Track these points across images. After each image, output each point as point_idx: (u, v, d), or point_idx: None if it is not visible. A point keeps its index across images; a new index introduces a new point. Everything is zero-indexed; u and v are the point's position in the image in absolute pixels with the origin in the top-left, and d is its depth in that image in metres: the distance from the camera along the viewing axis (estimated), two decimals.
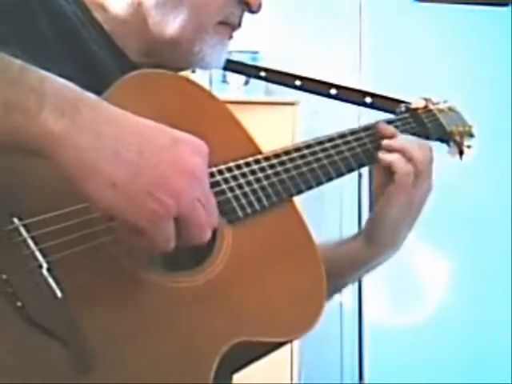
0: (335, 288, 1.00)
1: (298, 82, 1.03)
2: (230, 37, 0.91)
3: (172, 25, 0.86)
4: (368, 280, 2.44)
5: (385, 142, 0.95)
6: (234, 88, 2.68)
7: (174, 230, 0.64)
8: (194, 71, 2.76)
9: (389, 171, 0.94)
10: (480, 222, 2.93)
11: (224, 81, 2.69)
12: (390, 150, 0.95)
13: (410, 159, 0.93)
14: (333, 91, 1.03)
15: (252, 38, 2.63)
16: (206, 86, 0.88)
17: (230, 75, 2.69)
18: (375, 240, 0.97)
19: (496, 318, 2.89)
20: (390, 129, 0.97)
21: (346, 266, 0.99)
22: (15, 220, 0.65)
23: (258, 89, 2.68)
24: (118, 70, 0.85)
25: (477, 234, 2.93)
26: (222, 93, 2.61)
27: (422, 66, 2.81)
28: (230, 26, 0.90)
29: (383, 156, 0.95)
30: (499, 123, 2.88)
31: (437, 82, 2.63)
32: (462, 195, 2.88)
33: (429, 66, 2.81)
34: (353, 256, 0.98)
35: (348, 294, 2.68)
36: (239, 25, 0.91)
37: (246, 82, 2.69)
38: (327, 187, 0.92)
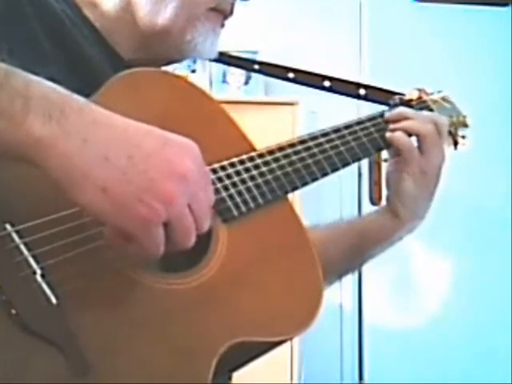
0: (362, 261, 1.06)
1: (291, 75, 1.03)
2: (222, 25, 0.91)
3: (163, 14, 0.86)
4: (368, 280, 2.44)
5: (390, 125, 0.99)
6: (233, 88, 2.69)
7: (163, 235, 0.63)
8: (193, 71, 2.78)
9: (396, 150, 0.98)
10: (481, 223, 2.92)
11: (224, 81, 2.70)
12: (393, 130, 0.98)
13: (413, 134, 0.98)
14: (326, 83, 1.03)
15: (251, 38, 2.65)
16: (205, 86, 0.88)
17: (230, 75, 2.69)
18: (398, 214, 1.00)
19: (497, 319, 2.88)
20: (395, 115, 1.01)
21: (373, 239, 1.02)
22: (7, 226, 0.64)
23: (258, 89, 2.68)
24: (110, 67, 0.84)
25: (477, 235, 2.92)
26: (221, 93, 2.61)
27: (421, 66, 2.81)
28: (222, 14, 0.90)
29: (388, 135, 0.98)
30: (499, 123, 2.88)
31: (437, 82, 2.62)
32: (462, 195, 2.88)
33: (429, 66, 2.81)
34: (379, 230, 1.01)
35: (348, 294, 2.68)
36: (231, 13, 0.90)
37: (246, 82, 2.70)
38: (327, 187, 0.91)
